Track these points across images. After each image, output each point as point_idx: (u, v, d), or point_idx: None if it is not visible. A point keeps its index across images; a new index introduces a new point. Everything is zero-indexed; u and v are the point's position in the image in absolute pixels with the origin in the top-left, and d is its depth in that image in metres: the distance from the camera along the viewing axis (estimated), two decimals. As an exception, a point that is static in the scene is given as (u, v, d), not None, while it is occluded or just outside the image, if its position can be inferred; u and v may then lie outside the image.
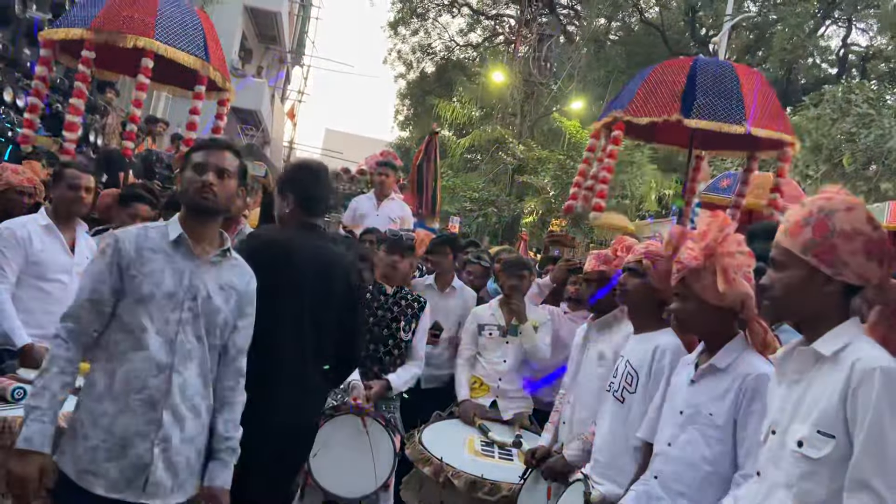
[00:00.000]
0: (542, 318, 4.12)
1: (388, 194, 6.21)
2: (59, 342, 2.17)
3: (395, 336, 3.63)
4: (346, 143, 33.57)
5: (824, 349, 1.64)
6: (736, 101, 4.41)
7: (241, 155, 2.43)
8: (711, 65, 4.79)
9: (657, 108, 4.53)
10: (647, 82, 4.68)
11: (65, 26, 4.65)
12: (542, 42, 24.00)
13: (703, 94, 4.47)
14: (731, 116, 4.43)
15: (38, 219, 3.45)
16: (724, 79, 4.54)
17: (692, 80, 4.52)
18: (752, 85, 4.57)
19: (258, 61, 22.96)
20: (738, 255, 2.20)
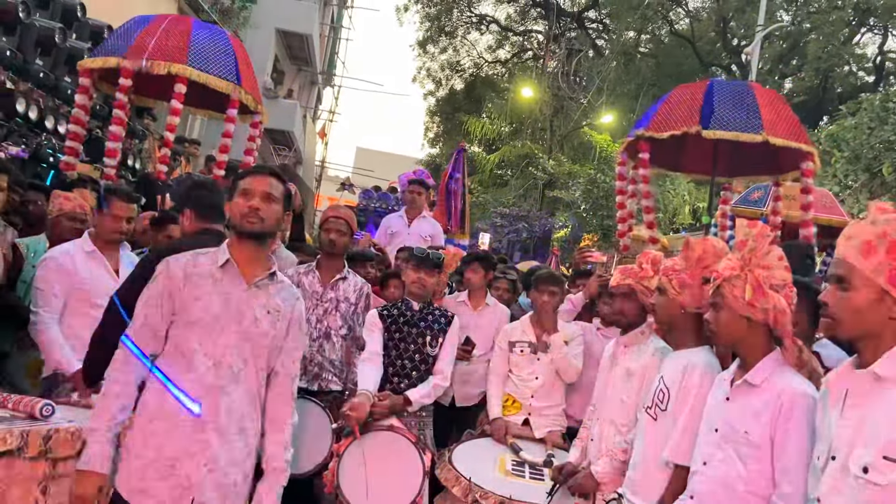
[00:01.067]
0: (572, 333, 4.07)
1: (419, 212, 6.24)
2: (117, 366, 2.26)
3: (422, 351, 3.62)
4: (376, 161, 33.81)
5: (886, 372, 1.60)
6: (752, 113, 4.48)
7: (285, 180, 2.50)
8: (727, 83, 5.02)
9: (676, 123, 4.63)
10: (666, 102, 4.87)
11: (102, 55, 4.80)
12: (570, 56, 24.01)
13: (721, 107, 4.59)
14: (748, 126, 4.49)
15: (81, 245, 3.57)
16: (740, 93, 4.69)
17: (709, 96, 4.66)
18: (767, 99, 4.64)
19: (290, 83, 23.32)
20: (775, 269, 2.17)
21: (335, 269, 3.93)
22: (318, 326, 3.84)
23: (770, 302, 2.15)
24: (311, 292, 3.88)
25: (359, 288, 3.95)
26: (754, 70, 15.98)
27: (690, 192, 15.59)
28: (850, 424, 1.65)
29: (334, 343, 3.83)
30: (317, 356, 3.80)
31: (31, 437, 2.26)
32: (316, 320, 3.84)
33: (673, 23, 24.96)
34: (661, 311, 2.74)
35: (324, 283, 3.91)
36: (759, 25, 16.05)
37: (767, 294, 2.14)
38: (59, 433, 2.32)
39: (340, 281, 3.92)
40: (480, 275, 4.54)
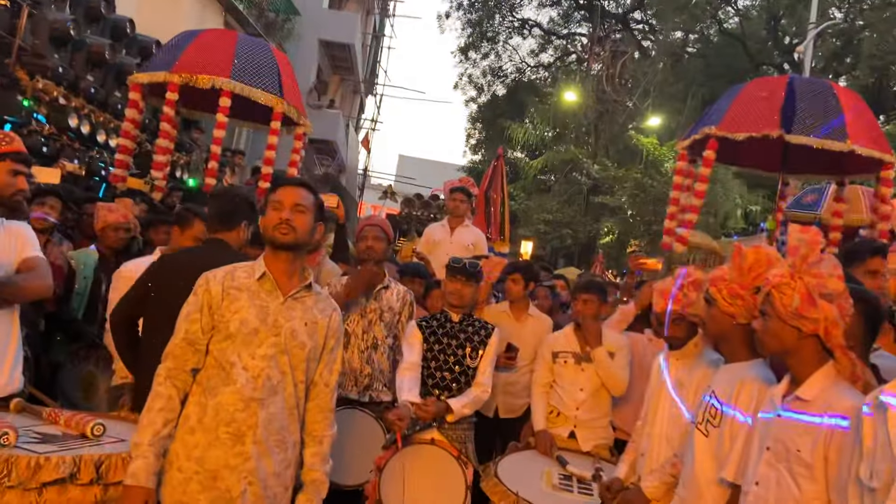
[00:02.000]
0: (618, 344, 3.97)
1: (462, 221, 6.20)
2: (160, 381, 2.29)
3: (462, 363, 3.57)
4: (418, 168, 34.00)
5: None
6: (837, 118, 4.23)
7: (316, 191, 2.51)
8: (809, 82, 4.68)
9: (755, 124, 4.40)
10: (739, 99, 4.56)
11: (150, 70, 4.91)
12: (615, 59, 23.73)
13: (803, 110, 4.33)
14: (833, 133, 4.25)
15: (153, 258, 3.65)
16: (823, 95, 4.41)
17: (791, 96, 4.37)
18: (851, 103, 4.37)
19: (333, 92, 23.62)
20: (827, 277, 2.06)
21: (377, 279, 3.91)
22: (364, 337, 3.83)
23: (821, 312, 2.04)
24: (356, 303, 3.87)
25: (402, 296, 3.93)
26: (807, 69, 15.51)
27: (742, 196, 15.20)
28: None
29: (382, 353, 3.83)
30: (366, 367, 3.79)
31: (84, 464, 2.27)
32: (362, 331, 3.84)
33: (722, 22, 24.43)
34: (711, 323, 2.64)
35: (367, 294, 3.90)
36: (811, 23, 15.60)
37: (817, 304, 2.04)
38: (111, 459, 2.33)
39: (383, 290, 3.90)
40: (521, 285, 4.47)
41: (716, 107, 4.86)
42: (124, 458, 2.32)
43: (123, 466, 2.29)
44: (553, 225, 19.09)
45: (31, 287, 2.79)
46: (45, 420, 2.67)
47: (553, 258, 21.64)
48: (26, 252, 2.82)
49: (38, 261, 2.85)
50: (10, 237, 2.82)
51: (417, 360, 3.58)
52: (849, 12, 21.54)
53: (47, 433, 2.52)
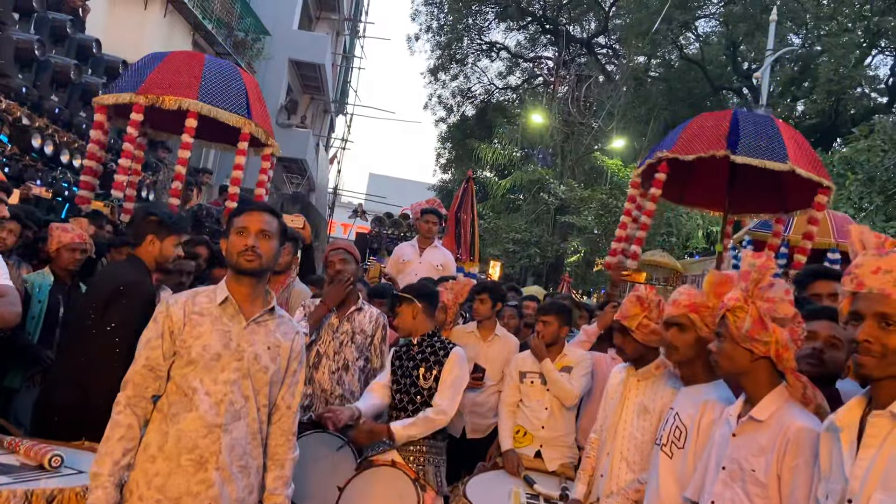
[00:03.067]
0: (578, 359, 4.03)
1: (431, 242, 6.23)
2: (119, 409, 2.26)
3: (416, 384, 3.51)
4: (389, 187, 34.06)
5: None
6: (778, 143, 4.52)
7: (280, 214, 2.51)
8: (751, 114, 5.09)
9: (703, 146, 4.66)
10: (688, 128, 4.90)
11: (116, 92, 4.89)
12: (581, 82, 24.16)
13: (747, 135, 4.64)
14: (774, 155, 4.51)
15: None
16: (764, 124, 4.75)
17: (735, 123, 4.72)
18: (789, 131, 4.69)
19: (303, 111, 23.60)
20: (779, 302, 2.13)
21: (350, 300, 3.93)
22: (335, 359, 3.82)
23: (772, 335, 2.11)
24: (326, 325, 3.87)
25: (374, 319, 3.93)
26: (765, 93, 15.97)
27: (704, 217, 15.52)
28: (866, 466, 1.59)
29: (353, 375, 3.81)
30: (337, 388, 3.77)
31: (35, 498, 2.24)
32: (333, 353, 3.83)
33: (683, 47, 25.05)
34: (684, 348, 2.65)
35: (339, 316, 3.90)
36: (769, 49, 16.08)
37: (769, 327, 2.11)
38: (64, 493, 2.29)
39: (356, 312, 3.90)
40: (489, 305, 4.51)
41: (668, 138, 5.16)
42: (78, 493, 2.28)
43: (77, 500, 2.26)
44: (521, 244, 19.24)
45: (1, 315, 2.76)
46: (6, 449, 2.63)
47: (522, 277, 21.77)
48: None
49: (7, 289, 2.83)
50: None
51: (384, 382, 3.57)
52: (806, 38, 22.28)
53: (4, 463, 2.49)
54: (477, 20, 29.44)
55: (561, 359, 4.03)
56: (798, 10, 21.02)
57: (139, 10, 12.59)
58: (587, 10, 28.36)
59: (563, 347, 4.09)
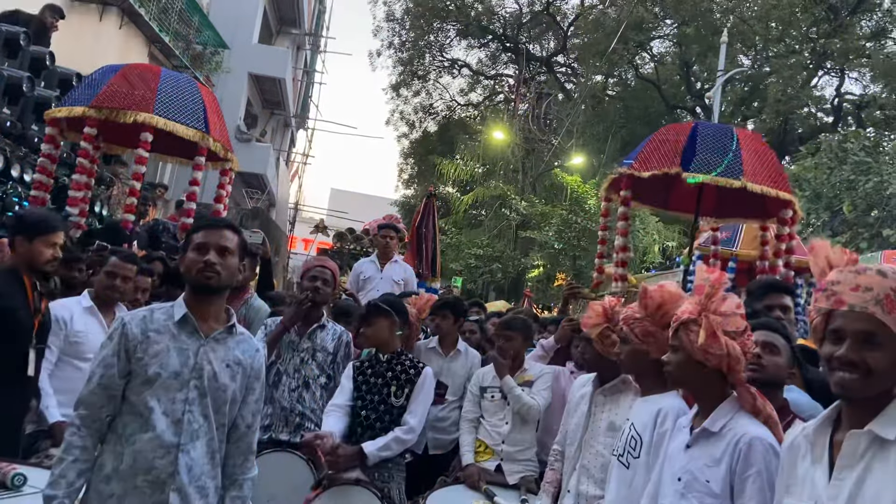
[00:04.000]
0: (538, 373, 4.06)
1: (391, 257, 6.23)
2: (73, 430, 2.20)
3: (387, 402, 3.52)
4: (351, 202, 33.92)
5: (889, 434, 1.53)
6: (734, 158, 4.51)
7: (240, 230, 2.49)
8: (712, 126, 5.05)
9: (659, 163, 4.67)
10: (651, 142, 4.85)
11: (68, 105, 4.80)
12: (540, 100, 24.53)
13: (703, 150, 4.61)
14: (728, 171, 4.50)
15: (80, 301, 3.63)
16: (722, 138, 4.69)
17: (693, 139, 4.67)
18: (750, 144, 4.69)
19: (263, 126, 23.43)
20: (731, 316, 2.19)
21: (313, 318, 3.89)
22: (296, 376, 3.78)
23: (724, 349, 2.16)
24: (288, 342, 3.83)
25: (338, 336, 3.90)
26: (716, 113, 16.43)
27: (660, 232, 15.84)
28: (842, 486, 1.59)
29: (314, 392, 3.77)
30: (297, 406, 3.73)
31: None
32: (294, 370, 3.79)
33: (638, 67, 25.65)
34: (627, 359, 2.73)
35: (300, 333, 3.87)
36: (720, 70, 16.56)
37: (720, 340, 2.16)
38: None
39: (318, 329, 3.88)
40: (451, 321, 4.52)
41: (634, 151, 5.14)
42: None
43: (34, 523, 2.20)
44: (483, 259, 19.35)
45: None
46: (-35, 469, 2.55)
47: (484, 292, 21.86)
48: None
49: None
50: None
51: (342, 402, 3.54)
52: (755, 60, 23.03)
53: None
54: (438, 37, 29.73)
55: (521, 373, 4.05)
56: (748, 32, 21.74)
57: (94, 21, 12.38)
58: (546, 29, 28.89)
59: (523, 362, 4.12)
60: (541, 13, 27.98)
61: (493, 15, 28.65)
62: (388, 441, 3.41)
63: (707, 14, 22.49)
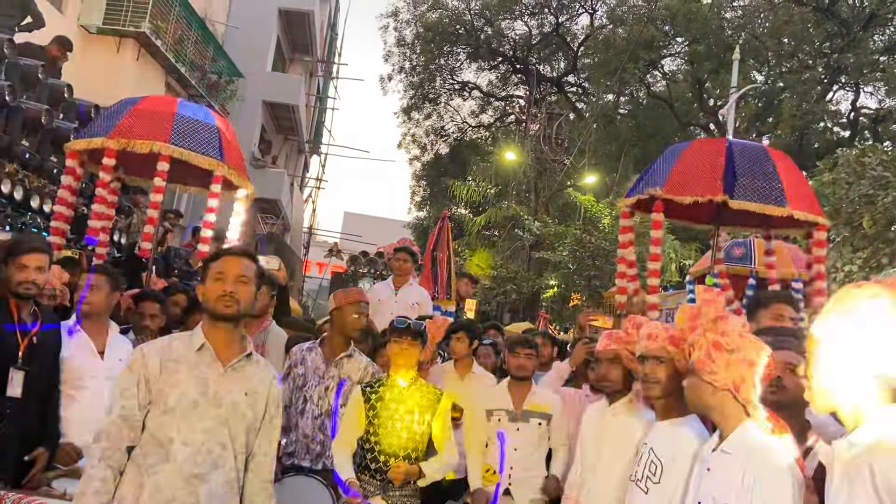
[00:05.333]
0: (549, 402, 3.99)
1: (405, 280, 6.23)
2: (94, 462, 2.20)
3: (410, 428, 3.51)
4: (364, 225, 34.07)
5: None
6: (775, 182, 4.33)
7: (257, 258, 2.51)
8: (746, 146, 4.71)
9: (699, 188, 4.39)
10: (681, 161, 4.57)
11: (88, 136, 4.88)
12: (552, 120, 24.56)
13: (743, 175, 4.38)
14: (772, 197, 4.32)
15: (67, 324, 3.53)
16: (760, 160, 4.47)
17: (730, 161, 4.42)
18: (785, 166, 4.51)
19: (277, 152, 23.66)
20: (731, 334, 2.17)
21: (341, 347, 3.89)
22: (319, 404, 3.78)
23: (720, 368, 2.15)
24: (314, 369, 3.83)
25: (363, 367, 3.90)
26: (731, 129, 16.38)
27: (676, 250, 15.73)
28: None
29: (337, 421, 3.77)
30: (319, 434, 3.73)
31: None
32: (318, 398, 3.78)
33: (650, 85, 25.69)
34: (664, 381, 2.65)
35: (327, 360, 3.86)
36: (733, 87, 16.53)
37: (715, 359, 2.14)
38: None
39: (345, 359, 3.87)
40: (466, 343, 4.51)
41: (656, 167, 4.85)
42: None
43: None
44: (497, 280, 19.30)
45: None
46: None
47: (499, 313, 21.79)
48: None
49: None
50: None
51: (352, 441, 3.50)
52: (769, 75, 23.00)
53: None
54: (448, 60, 29.97)
55: (530, 398, 4.00)
56: (760, 48, 21.74)
57: (111, 53, 12.63)
58: (556, 49, 29.06)
59: (531, 385, 4.06)
60: (550, 34, 28.17)
61: (502, 37, 28.87)
62: (443, 465, 3.43)
63: (718, 31, 22.52)
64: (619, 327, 4.09)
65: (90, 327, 3.56)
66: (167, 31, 13.73)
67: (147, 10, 12.87)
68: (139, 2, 12.89)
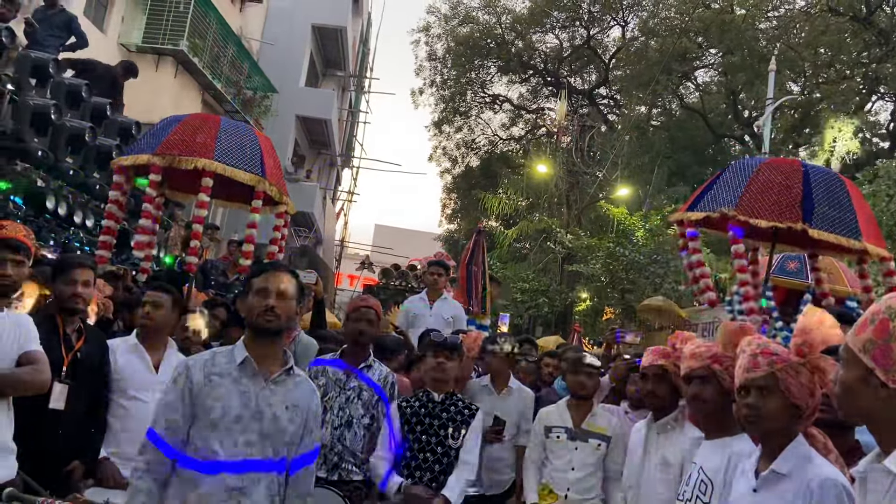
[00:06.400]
0: (608, 425, 3.90)
1: (440, 294, 6.22)
2: (140, 474, 2.24)
3: (444, 443, 3.51)
4: (395, 238, 34.19)
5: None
6: (850, 214, 4.22)
7: (297, 275, 2.55)
8: (822, 173, 4.56)
9: (778, 213, 4.24)
10: (754, 181, 4.42)
11: (134, 153, 4.99)
12: (584, 132, 24.47)
13: (821, 203, 4.25)
14: (848, 230, 4.20)
15: (127, 339, 3.65)
16: (836, 188, 4.34)
17: (807, 186, 4.29)
18: (856, 195, 4.38)
19: (310, 165, 23.93)
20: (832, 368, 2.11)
21: (360, 357, 3.92)
22: (339, 414, 3.78)
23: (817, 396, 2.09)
24: (335, 380, 3.85)
25: (383, 377, 3.91)
26: (767, 141, 16.15)
27: (711, 263, 15.50)
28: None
29: (356, 432, 3.76)
30: (337, 445, 3.72)
31: None
32: (338, 408, 3.78)
33: (683, 97, 25.48)
34: (711, 400, 2.62)
35: (348, 371, 3.88)
36: (769, 98, 16.31)
37: (816, 392, 2.09)
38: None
39: (365, 369, 3.89)
40: (502, 358, 4.48)
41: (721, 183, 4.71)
42: None
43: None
44: (529, 293, 19.21)
45: (31, 382, 2.78)
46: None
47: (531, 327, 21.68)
48: (28, 345, 2.82)
49: (38, 355, 2.84)
50: (14, 328, 2.82)
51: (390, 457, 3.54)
52: (805, 86, 22.65)
53: None
54: (479, 74, 30.10)
55: (590, 418, 3.92)
56: (796, 59, 21.44)
57: (150, 71, 12.92)
58: (587, 62, 29.00)
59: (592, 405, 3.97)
60: (581, 47, 28.14)
61: (533, 51, 28.93)
62: (464, 486, 3.47)
63: (752, 42, 22.28)
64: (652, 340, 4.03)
65: (148, 342, 3.64)
66: (204, 48, 14.03)
67: (185, 28, 13.18)
68: (177, 21, 13.20)
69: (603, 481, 3.84)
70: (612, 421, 3.97)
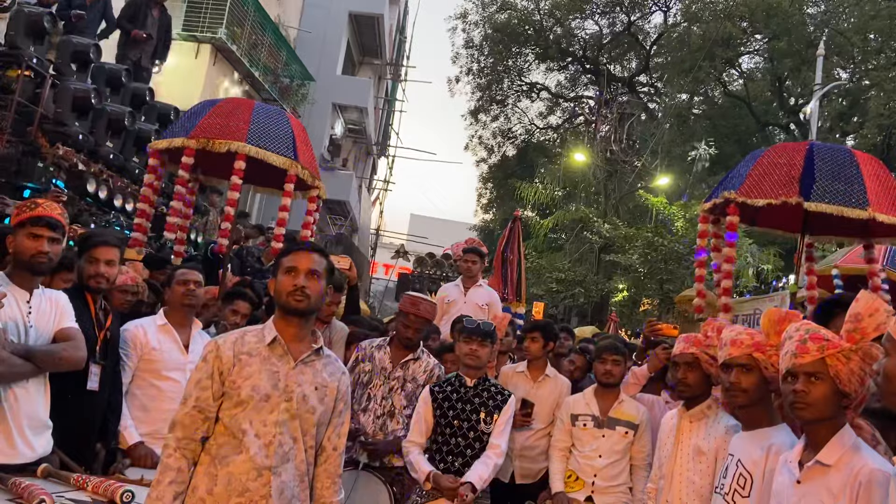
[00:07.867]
0: (635, 413, 3.90)
1: (475, 281, 6.18)
2: (169, 452, 2.24)
3: (476, 428, 3.53)
4: (430, 227, 34.23)
5: None
6: (857, 185, 4.11)
7: (328, 254, 2.50)
8: (828, 149, 4.49)
9: (773, 190, 4.24)
10: (758, 165, 4.42)
11: (169, 137, 5.04)
12: (622, 120, 24.08)
13: (823, 177, 4.19)
14: (852, 200, 4.10)
15: (155, 319, 3.65)
16: (842, 163, 4.27)
17: (809, 163, 4.25)
18: (871, 170, 4.27)
19: (346, 154, 24.03)
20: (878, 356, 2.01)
21: (408, 349, 3.93)
22: (382, 403, 3.80)
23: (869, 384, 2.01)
24: (381, 368, 3.86)
25: (430, 369, 3.91)
26: (814, 129, 15.67)
27: (754, 255, 15.13)
28: None
29: (398, 422, 3.78)
30: (379, 433, 3.74)
31: None
32: (381, 397, 3.81)
33: (726, 84, 24.88)
34: (752, 389, 2.55)
35: (394, 361, 3.88)
36: (816, 84, 15.81)
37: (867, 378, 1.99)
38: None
39: (412, 361, 3.89)
40: (540, 344, 4.41)
41: (735, 172, 4.74)
42: None
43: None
44: (565, 283, 19.03)
45: (69, 358, 2.81)
46: (73, 486, 2.65)
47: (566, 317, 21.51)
48: (64, 322, 2.86)
49: (74, 332, 2.87)
50: (51, 306, 2.85)
51: (421, 441, 3.57)
52: (854, 73, 21.91)
53: (77, 499, 2.52)
54: (517, 61, 29.78)
55: (618, 406, 3.92)
56: (845, 44, 20.74)
57: (190, 59, 13.08)
58: (627, 49, 28.49)
59: (619, 393, 3.98)
60: (622, 33, 27.65)
61: (572, 37, 28.51)
62: (491, 470, 3.45)
63: (800, 27, 21.62)
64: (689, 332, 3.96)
65: (177, 322, 3.65)
66: (242, 37, 14.13)
67: (224, 17, 13.29)
68: (216, 9, 13.32)
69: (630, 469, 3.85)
70: (640, 409, 3.96)
